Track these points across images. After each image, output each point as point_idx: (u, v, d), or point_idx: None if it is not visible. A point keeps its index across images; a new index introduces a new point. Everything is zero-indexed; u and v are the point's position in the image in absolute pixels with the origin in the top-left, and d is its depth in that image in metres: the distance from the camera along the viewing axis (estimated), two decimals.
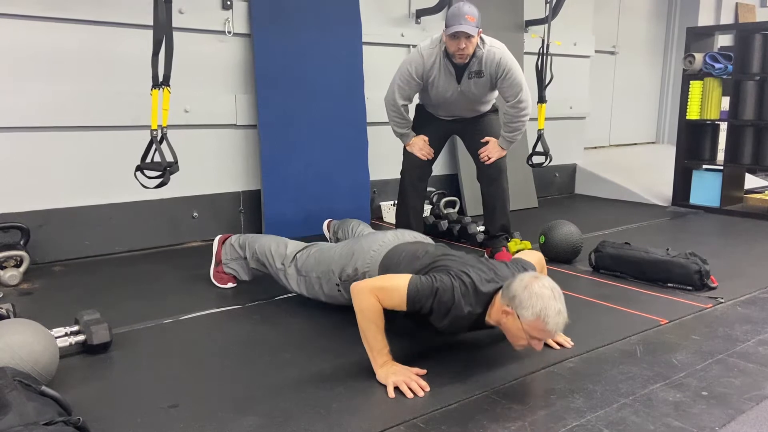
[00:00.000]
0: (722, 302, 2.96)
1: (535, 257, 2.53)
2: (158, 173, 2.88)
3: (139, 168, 2.92)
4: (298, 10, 4.20)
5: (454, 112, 3.51)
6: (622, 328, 2.62)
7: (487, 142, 3.49)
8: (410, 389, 2.03)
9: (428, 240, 2.74)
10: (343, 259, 2.58)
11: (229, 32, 4.04)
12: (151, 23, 3.66)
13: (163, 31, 2.81)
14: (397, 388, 2.04)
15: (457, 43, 3.14)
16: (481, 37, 3.23)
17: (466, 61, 3.25)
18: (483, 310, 2.15)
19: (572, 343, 2.42)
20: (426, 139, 3.53)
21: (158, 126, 2.88)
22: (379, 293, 2.09)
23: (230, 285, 3.11)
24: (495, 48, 3.27)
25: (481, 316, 2.16)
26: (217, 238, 3.16)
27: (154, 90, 2.85)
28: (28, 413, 1.53)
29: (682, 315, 2.79)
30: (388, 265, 2.44)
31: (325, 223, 3.69)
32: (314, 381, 2.08)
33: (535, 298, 1.98)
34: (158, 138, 2.88)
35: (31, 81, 3.44)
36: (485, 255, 3.72)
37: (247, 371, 2.22)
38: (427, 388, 2.05)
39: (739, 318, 2.76)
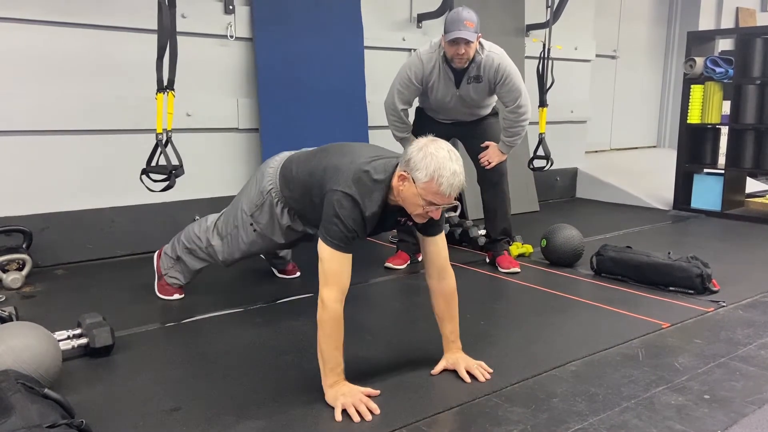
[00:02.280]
0: (724, 306, 2.96)
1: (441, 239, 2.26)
2: (164, 176, 2.89)
3: (144, 171, 2.92)
4: (299, 14, 4.21)
5: (453, 116, 3.51)
6: (624, 332, 2.62)
7: (487, 147, 3.49)
8: (358, 412, 1.91)
9: None
10: (249, 195, 2.58)
11: (232, 36, 4.05)
12: (152, 28, 3.68)
13: (167, 35, 2.82)
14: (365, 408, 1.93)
15: (456, 48, 3.15)
16: (480, 42, 3.24)
17: (465, 66, 3.26)
18: (387, 189, 2.03)
19: (488, 377, 2.18)
20: None
21: (163, 129, 2.89)
22: (329, 279, 1.97)
23: (176, 296, 2.99)
24: (494, 53, 3.28)
25: (388, 196, 2.05)
26: (156, 253, 3.05)
27: (159, 94, 2.86)
28: (31, 416, 1.54)
29: (684, 318, 2.79)
30: (285, 173, 2.41)
31: None
32: (316, 384, 2.07)
33: (429, 159, 1.90)
34: (163, 141, 2.89)
35: (34, 85, 3.45)
36: (487, 259, 3.73)
37: (249, 374, 2.23)
38: (377, 411, 1.92)
39: (741, 321, 2.76)
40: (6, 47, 3.36)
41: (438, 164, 1.90)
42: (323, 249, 2.01)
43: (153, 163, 2.89)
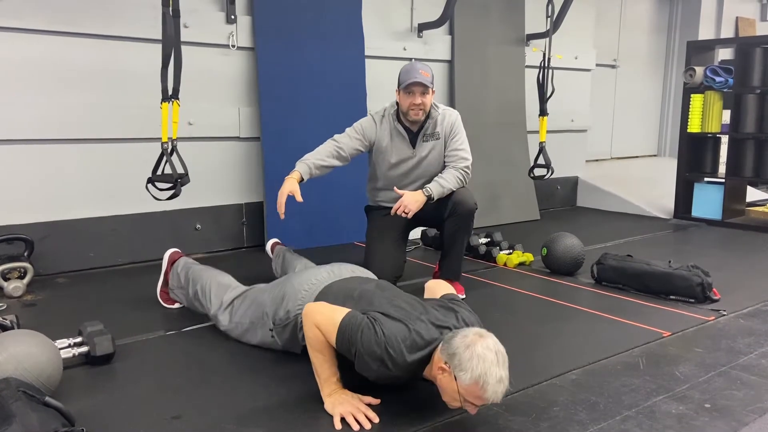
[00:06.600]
0: (724, 315, 2.96)
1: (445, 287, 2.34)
2: (170, 185, 2.89)
3: (150, 180, 2.93)
4: (301, 24, 4.24)
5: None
6: (624, 341, 2.63)
7: (401, 195, 2.99)
8: (357, 420, 1.91)
9: (367, 274, 2.50)
10: (275, 302, 2.40)
11: (233, 46, 4.07)
12: (156, 37, 3.71)
13: (171, 45, 2.84)
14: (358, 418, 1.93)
15: (413, 98, 2.95)
16: (434, 104, 3.10)
17: (421, 118, 3.04)
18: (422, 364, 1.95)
19: None
20: (297, 180, 2.97)
21: (168, 138, 2.91)
22: (319, 326, 1.98)
23: (177, 306, 2.98)
24: (450, 110, 3.16)
25: (419, 369, 1.96)
26: (167, 255, 2.99)
27: (164, 103, 2.87)
28: (32, 424, 1.54)
29: (685, 327, 2.79)
30: None
31: (270, 243, 3.49)
32: (317, 392, 2.07)
33: (475, 361, 1.76)
34: (169, 150, 2.91)
35: (36, 94, 3.47)
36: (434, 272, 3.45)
37: (250, 383, 2.23)
38: (376, 420, 1.93)
39: (742, 330, 2.76)
40: (7, 56, 3.38)
41: (484, 369, 1.75)
42: (339, 315, 1.96)
43: (159, 172, 2.90)
